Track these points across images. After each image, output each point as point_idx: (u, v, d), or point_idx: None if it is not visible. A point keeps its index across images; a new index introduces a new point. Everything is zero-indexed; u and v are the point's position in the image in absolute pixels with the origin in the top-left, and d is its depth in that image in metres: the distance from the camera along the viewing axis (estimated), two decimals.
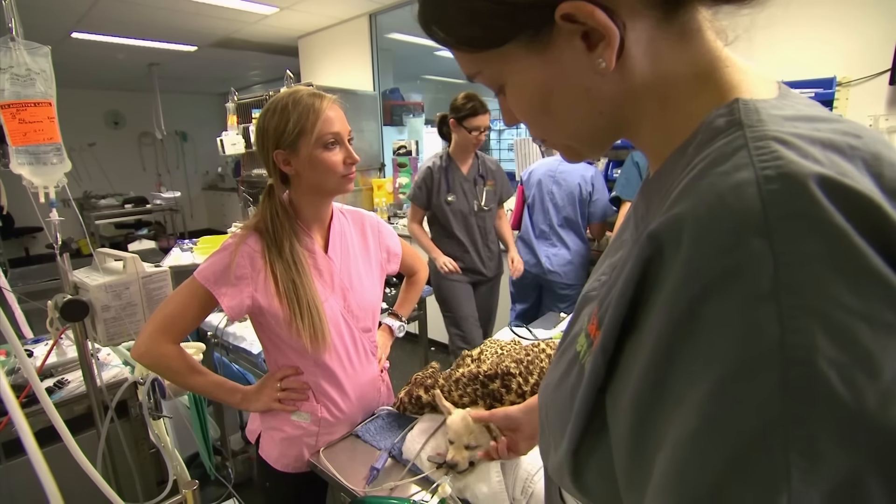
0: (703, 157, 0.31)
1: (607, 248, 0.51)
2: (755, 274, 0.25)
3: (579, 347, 0.40)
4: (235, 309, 0.98)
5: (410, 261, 1.35)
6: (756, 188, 0.26)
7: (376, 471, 1.00)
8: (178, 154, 7.99)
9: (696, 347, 0.26)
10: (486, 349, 1.28)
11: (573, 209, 2.41)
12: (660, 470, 0.28)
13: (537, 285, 2.55)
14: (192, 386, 1.04)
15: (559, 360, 0.47)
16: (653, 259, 0.30)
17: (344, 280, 1.09)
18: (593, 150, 0.42)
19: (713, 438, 0.25)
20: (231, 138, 3.88)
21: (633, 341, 0.32)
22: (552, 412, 0.44)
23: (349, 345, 1.10)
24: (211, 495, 2.14)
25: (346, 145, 1.01)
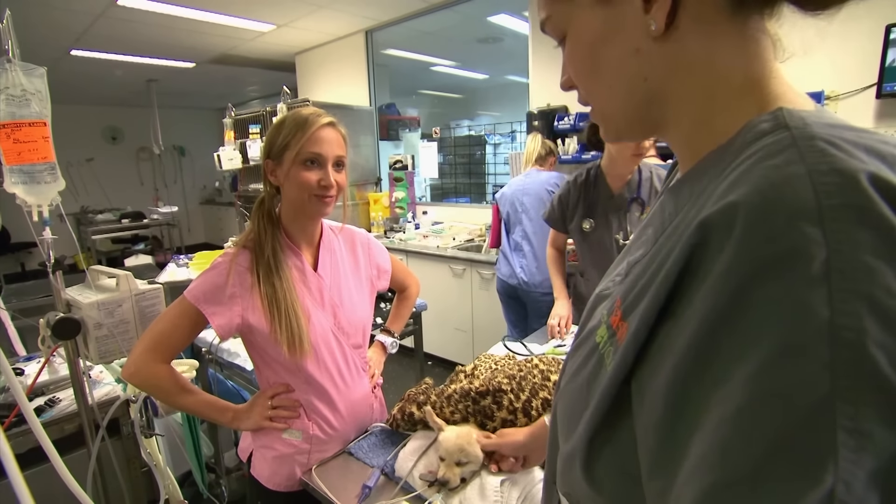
0: (750, 153, 0.32)
1: (622, 252, 0.52)
2: (807, 258, 0.25)
3: (599, 339, 0.41)
4: (225, 328, 0.98)
5: (401, 277, 1.36)
6: (809, 180, 0.27)
7: (368, 489, 0.99)
8: (175, 169, 8.03)
9: (744, 328, 0.27)
10: (480, 364, 1.28)
11: None
12: (697, 450, 0.28)
13: (516, 297, 2.59)
14: (183, 405, 1.04)
15: (573, 356, 0.47)
16: (698, 246, 0.30)
17: (334, 297, 1.09)
18: (629, 125, 0.43)
19: (759, 416, 0.25)
20: (228, 153, 3.90)
21: (668, 328, 0.32)
22: (564, 403, 0.45)
23: (340, 362, 1.10)
24: None
25: (326, 168, 1.00)
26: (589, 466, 0.39)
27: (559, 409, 0.47)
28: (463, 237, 3.59)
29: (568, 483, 0.45)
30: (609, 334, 0.39)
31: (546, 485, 0.55)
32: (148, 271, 3.36)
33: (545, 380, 1.07)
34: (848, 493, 0.23)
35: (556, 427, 0.49)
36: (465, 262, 3.18)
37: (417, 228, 3.90)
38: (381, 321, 2.01)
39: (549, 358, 1.20)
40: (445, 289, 3.32)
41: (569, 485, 0.45)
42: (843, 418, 0.24)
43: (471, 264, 3.15)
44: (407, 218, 4.10)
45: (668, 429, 0.30)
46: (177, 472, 2.01)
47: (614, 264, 0.52)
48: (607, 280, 0.51)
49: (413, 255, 3.47)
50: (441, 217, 4.07)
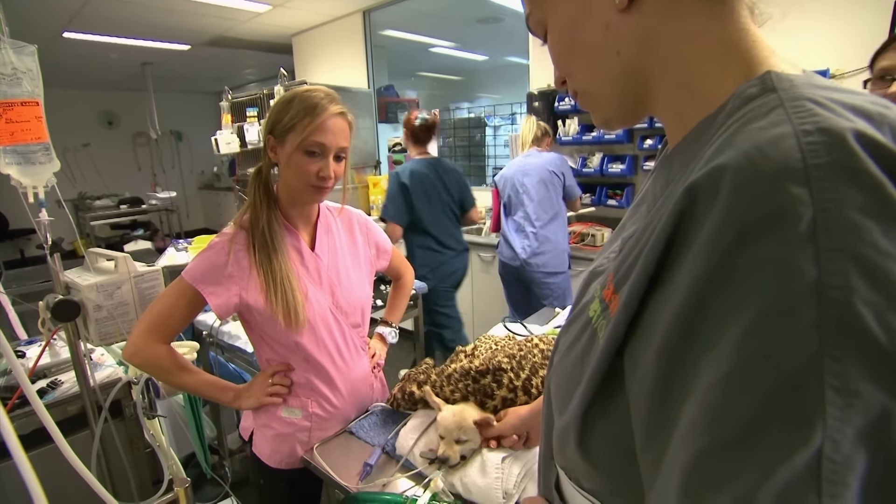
0: (737, 118, 0.32)
1: (615, 230, 0.52)
2: (794, 219, 0.25)
3: (592, 314, 0.41)
4: (223, 308, 0.98)
5: (397, 264, 1.36)
6: (795, 140, 0.27)
7: (369, 467, 1.00)
8: (173, 154, 7.98)
9: (731, 291, 0.27)
10: (480, 345, 1.28)
11: (547, 192, 2.47)
12: (688, 416, 0.28)
13: (519, 279, 2.59)
14: (184, 385, 1.05)
15: (567, 331, 0.48)
16: (686, 212, 0.30)
17: (332, 276, 1.09)
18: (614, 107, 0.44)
19: (748, 378, 0.25)
20: (226, 137, 3.87)
21: (659, 297, 0.32)
22: (558, 378, 0.45)
23: (339, 340, 1.10)
24: (208, 495, 2.14)
25: (327, 159, 0.99)
26: (583, 440, 0.39)
27: (553, 384, 0.47)
28: None
29: (564, 457, 0.45)
30: (602, 308, 0.40)
31: (543, 460, 0.56)
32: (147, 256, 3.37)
33: (545, 359, 1.07)
34: (836, 451, 0.23)
35: (551, 402, 0.49)
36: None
37: None
38: (382, 303, 2.02)
39: (549, 338, 1.21)
40: None
41: (565, 458, 0.45)
42: (831, 377, 0.24)
43: (470, 247, 3.12)
44: None
45: (660, 397, 0.30)
46: (180, 453, 2.04)
47: (608, 241, 0.52)
48: (601, 257, 0.51)
49: None
50: None
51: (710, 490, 0.26)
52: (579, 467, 0.42)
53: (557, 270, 2.48)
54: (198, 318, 1.97)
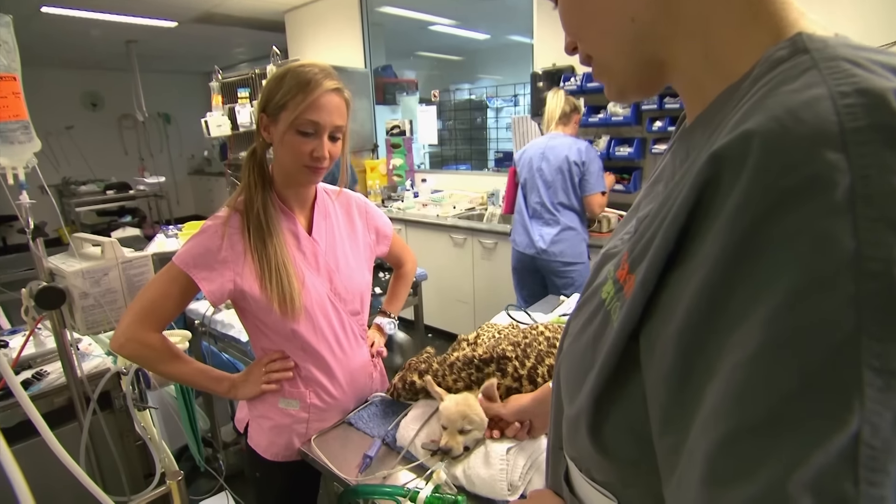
0: (765, 82, 0.30)
1: (630, 209, 0.51)
2: (829, 187, 0.24)
3: (605, 295, 0.40)
4: (216, 294, 0.97)
5: (398, 251, 1.34)
6: (831, 102, 0.26)
7: (369, 459, 1.00)
8: (161, 137, 7.91)
9: (760, 264, 0.26)
10: (483, 333, 1.27)
11: (564, 182, 2.39)
12: (712, 399, 0.27)
13: (535, 269, 2.52)
14: (176, 376, 1.04)
15: (578, 314, 0.47)
16: (710, 182, 0.29)
17: (329, 262, 1.08)
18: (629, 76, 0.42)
19: (778, 357, 0.24)
20: (216, 119, 3.83)
21: (679, 273, 0.31)
22: (568, 364, 0.44)
23: (337, 328, 1.09)
24: (202, 488, 2.15)
25: (322, 139, 0.97)
26: (595, 428, 0.38)
27: (563, 370, 0.46)
28: (463, 205, 3.56)
29: (575, 447, 0.45)
30: (616, 289, 0.39)
31: (552, 451, 0.55)
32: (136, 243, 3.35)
33: (551, 347, 1.06)
34: (874, 436, 0.22)
35: (560, 390, 0.49)
36: (466, 231, 3.16)
37: (416, 197, 3.87)
38: (381, 291, 2.01)
39: (554, 325, 1.20)
40: (446, 259, 3.31)
41: (576, 448, 0.45)
42: (870, 356, 0.23)
43: (472, 233, 3.14)
44: (405, 186, 4.07)
45: (680, 380, 0.30)
46: (173, 446, 2.04)
47: (622, 223, 0.51)
48: (615, 239, 0.50)
49: (412, 224, 3.45)
50: (441, 185, 4.04)
51: (736, 477, 0.25)
52: (591, 457, 0.42)
53: (577, 260, 2.42)
54: (190, 307, 1.96)
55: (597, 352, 0.39)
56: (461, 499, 0.83)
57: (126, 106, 6.78)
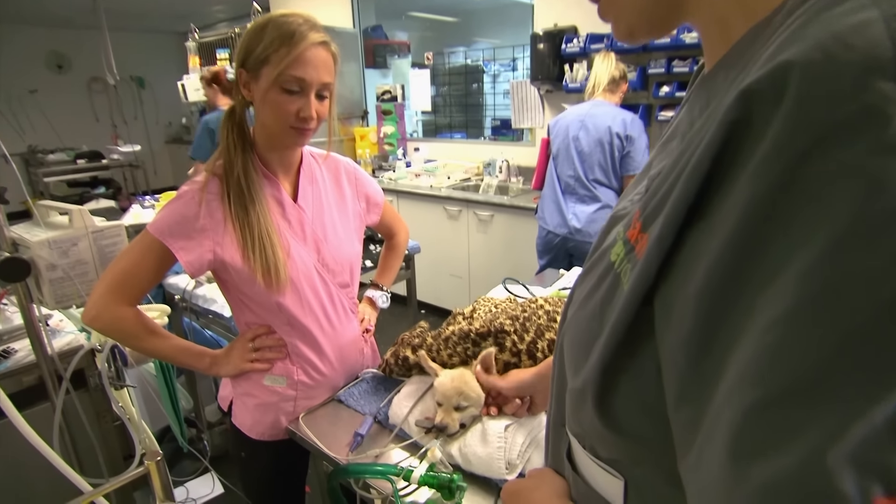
0: (804, 11, 0.28)
1: (642, 171, 0.49)
2: (882, 121, 0.22)
3: (614, 258, 0.39)
4: (195, 265, 0.94)
5: (389, 220, 1.31)
6: (884, 26, 0.23)
7: (360, 437, 0.99)
8: (134, 102, 7.71)
9: (798, 210, 0.24)
10: (479, 307, 1.26)
11: (603, 157, 2.22)
12: (739, 364, 0.25)
13: (565, 252, 2.40)
14: (154, 351, 1.02)
15: (583, 280, 0.45)
16: (740, 122, 0.27)
17: (317, 231, 1.06)
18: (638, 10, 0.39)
19: (817, 315, 0.23)
20: (194, 82, 3.74)
21: (700, 229, 0.29)
22: (573, 333, 0.43)
23: (325, 301, 1.07)
24: (186, 470, 2.17)
25: (309, 97, 0.93)
26: (603, 401, 0.37)
27: (567, 340, 0.45)
28: (458, 176, 3.54)
29: (578, 422, 0.44)
30: (626, 250, 0.37)
31: (553, 427, 0.54)
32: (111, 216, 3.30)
33: (551, 321, 1.05)
34: None
35: (564, 362, 0.47)
36: (461, 202, 3.14)
37: (409, 167, 3.84)
38: (372, 265, 1.99)
39: (554, 298, 1.19)
40: (440, 232, 3.30)
41: (579, 424, 0.44)
42: None
43: (467, 205, 3.12)
44: (397, 155, 4.03)
45: (701, 346, 0.28)
46: (155, 426, 2.04)
47: (632, 184, 0.49)
48: (625, 201, 0.48)
49: (404, 195, 3.42)
50: (434, 154, 4.00)
51: (766, 450, 0.23)
52: (596, 433, 0.41)
53: None
54: (168, 281, 1.93)
55: (605, 319, 0.37)
56: (457, 477, 0.83)
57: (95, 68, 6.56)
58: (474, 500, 0.87)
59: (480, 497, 0.87)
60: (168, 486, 0.95)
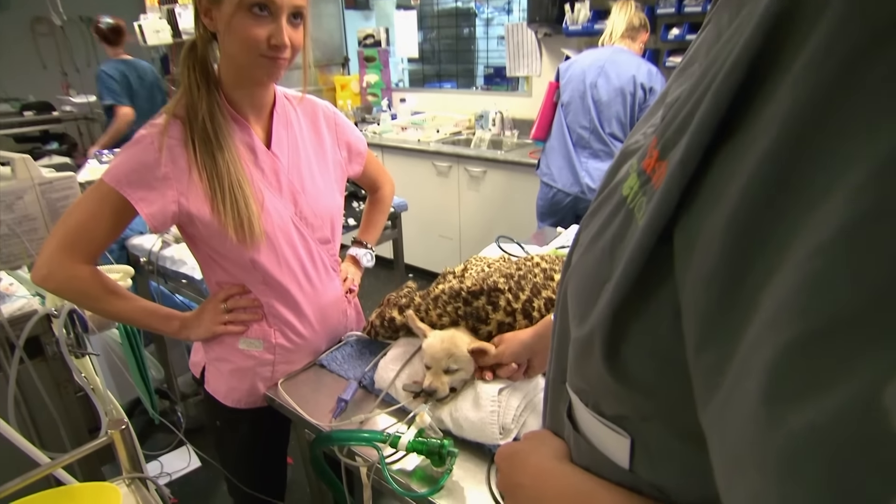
0: None
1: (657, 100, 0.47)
2: None
3: (626, 192, 0.38)
4: (158, 218, 0.92)
5: (373, 172, 1.29)
6: None
7: (344, 403, 1.00)
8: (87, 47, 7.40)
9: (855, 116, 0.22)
10: (471, 266, 1.25)
11: (623, 108, 2.15)
12: (776, 296, 0.24)
13: (574, 214, 2.34)
14: (116, 314, 1.01)
15: (590, 221, 0.44)
16: (783, 16, 0.25)
17: (293, 181, 1.03)
18: None
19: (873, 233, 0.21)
20: (152, 24, 3.60)
21: (732, 147, 0.27)
22: (579, 277, 0.42)
23: (304, 258, 1.06)
24: (160, 443, 2.19)
25: (280, 21, 0.88)
26: (612, 350, 0.36)
27: (572, 286, 0.44)
28: (448, 129, 3.51)
29: (582, 376, 0.43)
30: (641, 182, 0.36)
31: (552, 385, 0.54)
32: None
33: (548, 279, 1.05)
34: None
35: (567, 312, 0.47)
36: (451, 157, 3.12)
37: (394, 119, 3.78)
38: (355, 223, 1.97)
39: (551, 256, 1.19)
40: (428, 190, 3.29)
41: (584, 378, 0.43)
42: None
43: (457, 160, 3.10)
44: (381, 107, 3.98)
45: (730, 281, 0.26)
46: (123, 399, 2.04)
47: (645, 118, 0.48)
48: (637, 134, 0.46)
49: (390, 150, 3.38)
50: (422, 105, 3.95)
51: (808, 391, 0.22)
52: (602, 387, 0.40)
53: None
54: (132, 243, 1.90)
55: (615, 259, 0.36)
56: (447, 442, 0.83)
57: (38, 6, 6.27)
58: (466, 466, 0.88)
59: (473, 464, 0.88)
60: (136, 457, 0.95)
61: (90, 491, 0.84)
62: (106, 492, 0.83)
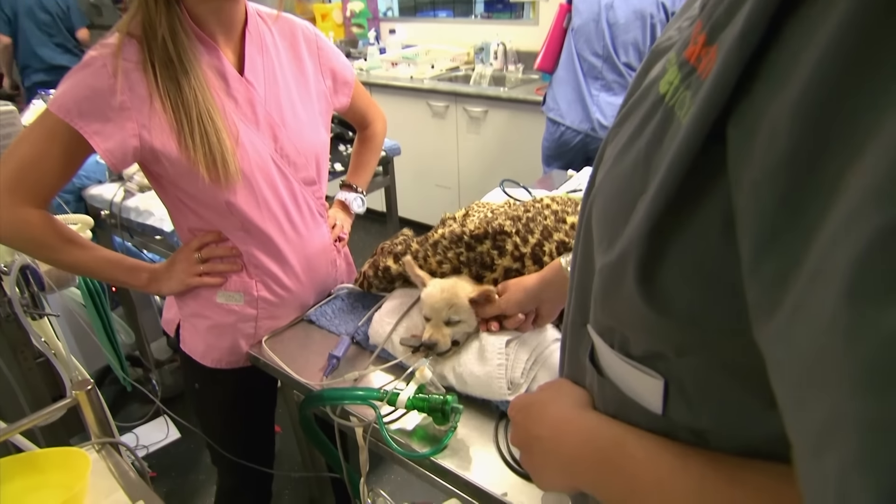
0: None
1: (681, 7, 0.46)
2: None
3: (664, 88, 0.36)
4: (116, 154, 0.89)
5: (362, 106, 1.26)
6: None
7: (336, 360, 1.00)
8: None
9: None
10: (473, 212, 1.24)
11: (641, 34, 2.08)
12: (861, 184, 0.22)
13: (583, 154, 2.30)
14: (74, 264, 0.99)
15: (617, 133, 0.43)
16: None
17: (272, 113, 1.00)
18: None
19: None
20: None
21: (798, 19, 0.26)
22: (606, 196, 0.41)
23: (287, 201, 1.04)
24: (134, 414, 2.22)
25: None
26: (647, 273, 0.36)
27: (597, 207, 0.43)
28: (444, 64, 3.48)
29: (610, 311, 0.43)
30: (683, 75, 0.35)
31: (571, 328, 0.54)
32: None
33: (560, 221, 1.03)
34: None
35: (590, 243, 0.46)
36: (448, 96, 3.08)
37: (383, 53, 3.72)
38: (342, 168, 1.94)
39: (563, 197, 1.17)
40: (423, 133, 3.26)
41: (611, 313, 0.43)
42: None
43: (455, 99, 3.06)
44: (368, 39, 3.91)
45: (804, 167, 0.25)
46: (91, 368, 2.05)
47: (679, 13, 0.46)
48: (671, 30, 0.45)
49: (378, 89, 3.35)
50: (415, 38, 3.88)
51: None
52: (633, 320, 0.40)
53: None
54: (90, 193, 1.87)
55: (652, 168, 0.35)
56: (451, 398, 0.83)
57: None
58: (472, 424, 0.88)
59: (479, 421, 0.89)
60: (106, 422, 0.95)
61: (55, 457, 0.84)
62: (73, 457, 0.83)
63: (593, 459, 0.46)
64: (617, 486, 0.44)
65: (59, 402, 0.92)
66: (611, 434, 0.46)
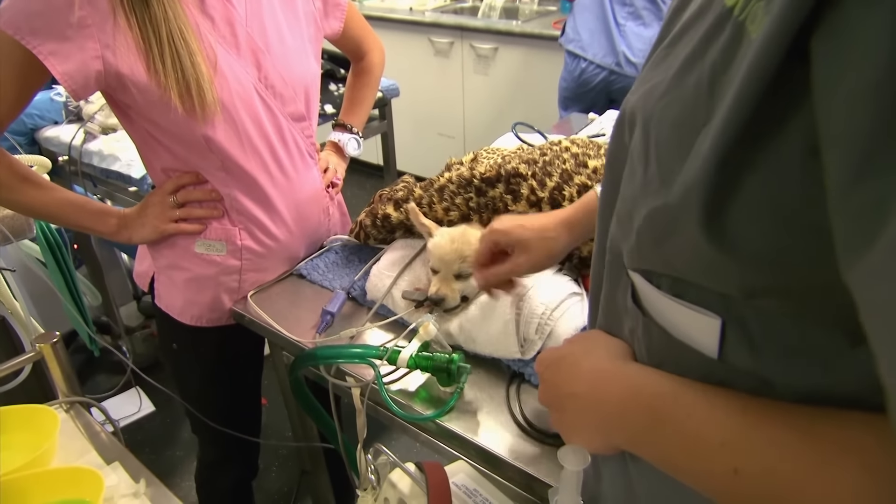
0: None
1: None
2: None
3: (731, 2, 0.36)
4: (76, 78, 0.89)
5: (357, 32, 1.26)
6: None
7: (330, 316, 1.02)
8: None
9: None
10: (483, 157, 1.24)
11: None
12: None
13: (606, 94, 2.32)
14: (31, 206, 1.00)
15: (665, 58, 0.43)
16: None
17: (254, 36, 1.00)
18: None
19: None
20: None
21: None
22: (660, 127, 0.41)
23: (273, 138, 1.05)
24: (101, 385, 2.26)
25: None
26: (715, 213, 0.36)
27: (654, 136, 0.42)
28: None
29: (661, 255, 0.43)
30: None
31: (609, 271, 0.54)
32: None
33: (581, 165, 1.04)
34: None
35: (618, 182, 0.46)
36: (453, 30, 3.06)
37: None
38: (333, 110, 1.93)
39: (583, 139, 1.17)
40: (424, 75, 3.25)
41: (662, 258, 0.43)
42: None
43: (461, 34, 3.04)
44: None
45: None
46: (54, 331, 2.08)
47: None
48: None
49: (373, 22, 3.24)
50: None
51: None
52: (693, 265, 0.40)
53: None
54: (45, 135, 1.87)
55: (717, 93, 0.35)
56: (457, 357, 0.85)
57: None
58: (480, 385, 0.91)
59: (487, 383, 0.91)
60: (72, 378, 0.97)
61: (20, 414, 0.85)
62: (39, 414, 0.85)
63: (641, 416, 0.46)
64: (673, 445, 0.43)
65: (21, 355, 0.93)
66: (660, 386, 0.45)
